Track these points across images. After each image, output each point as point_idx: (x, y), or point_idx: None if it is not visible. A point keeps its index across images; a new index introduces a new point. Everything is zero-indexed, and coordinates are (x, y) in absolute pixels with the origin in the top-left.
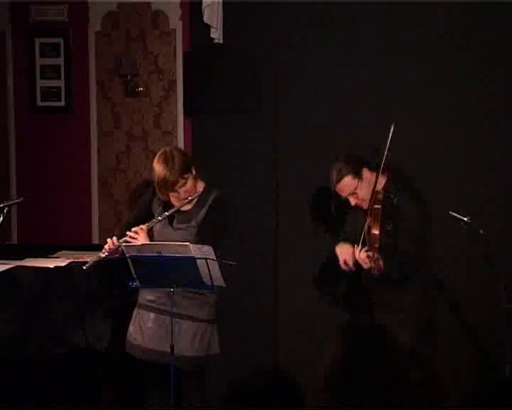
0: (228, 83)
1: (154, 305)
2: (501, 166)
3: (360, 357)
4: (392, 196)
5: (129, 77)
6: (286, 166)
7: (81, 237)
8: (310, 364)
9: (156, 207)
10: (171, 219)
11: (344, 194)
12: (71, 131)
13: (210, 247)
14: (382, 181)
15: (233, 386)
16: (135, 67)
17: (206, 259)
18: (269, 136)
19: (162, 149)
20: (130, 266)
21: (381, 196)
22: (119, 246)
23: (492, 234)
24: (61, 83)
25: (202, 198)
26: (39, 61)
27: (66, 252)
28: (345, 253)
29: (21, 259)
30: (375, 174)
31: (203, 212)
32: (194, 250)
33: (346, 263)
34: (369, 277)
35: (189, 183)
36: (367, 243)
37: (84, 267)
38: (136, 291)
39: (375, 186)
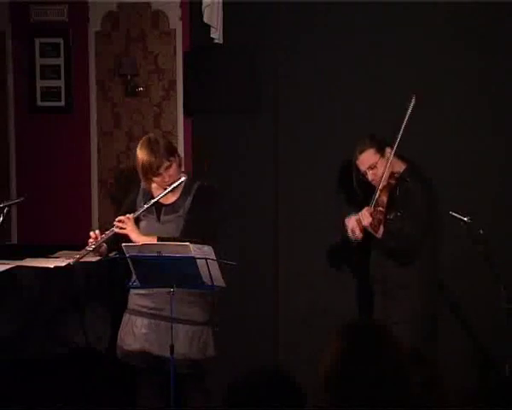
0: (228, 83)
1: (145, 310)
2: (501, 166)
3: (360, 357)
4: (408, 181)
5: (129, 77)
6: (286, 166)
7: (81, 237)
8: (310, 364)
9: (140, 204)
10: (157, 214)
11: (363, 167)
12: (71, 131)
13: (210, 247)
14: (402, 166)
15: (233, 386)
16: (135, 67)
17: (206, 259)
18: (269, 136)
19: (145, 136)
20: (131, 266)
21: (397, 176)
22: (104, 238)
23: (492, 234)
24: (61, 83)
25: (187, 187)
26: (39, 61)
27: (66, 252)
28: (352, 222)
29: (21, 259)
30: (396, 156)
31: (189, 200)
32: (195, 250)
33: (353, 231)
34: (376, 264)
35: (174, 167)
36: (374, 205)
37: (71, 262)
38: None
39: (388, 161)
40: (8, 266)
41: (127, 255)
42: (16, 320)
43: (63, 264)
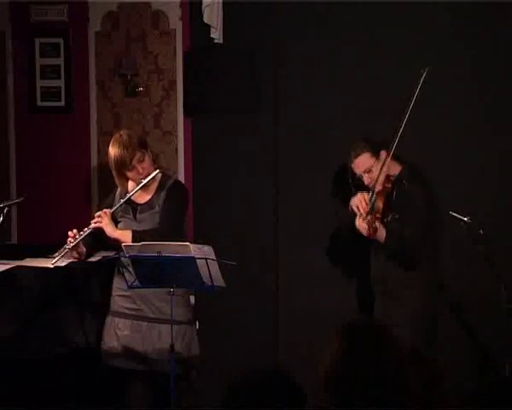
0: (228, 83)
1: (127, 311)
2: (501, 166)
3: (360, 357)
4: (404, 183)
5: (129, 77)
6: (286, 166)
7: None
8: (310, 364)
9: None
10: (134, 213)
11: (359, 170)
12: (71, 131)
13: (210, 247)
14: (398, 168)
15: (233, 386)
16: (135, 67)
17: (206, 259)
18: (269, 136)
19: (115, 135)
20: (130, 266)
21: (393, 179)
22: (83, 236)
23: (492, 234)
24: (61, 83)
25: (161, 184)
26: (39, 61)
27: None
28: (354, 200)
29: (21, 259)
30: (393, 158)
31: (163, 195)
32: (195, 250)
33: (352, 209)
34: (377, 264)
35: (147, 159)
36: (370, 211)
37: (52, 262)
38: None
39: (384, 164)
40: (8, 266)
41: (127, 255)
42: (16, 320)
43: (63, 264)
